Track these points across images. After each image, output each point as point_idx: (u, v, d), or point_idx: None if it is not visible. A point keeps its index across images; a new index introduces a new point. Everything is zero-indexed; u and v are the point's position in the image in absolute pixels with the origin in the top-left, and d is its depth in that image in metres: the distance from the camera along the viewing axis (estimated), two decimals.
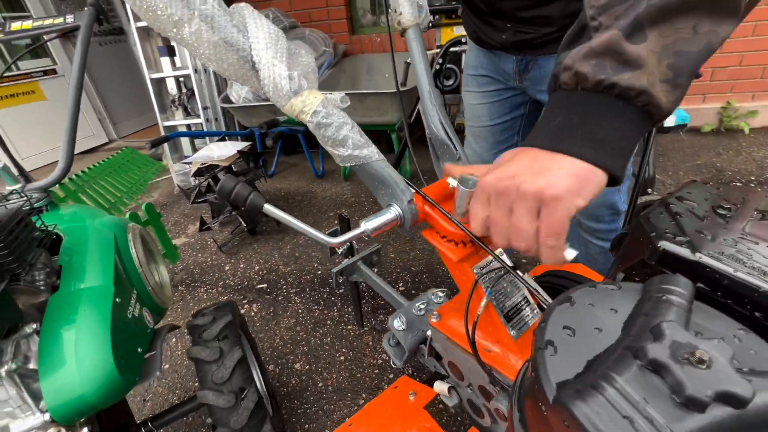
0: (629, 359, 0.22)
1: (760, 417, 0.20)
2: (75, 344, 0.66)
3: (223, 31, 0.41)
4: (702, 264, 0.28)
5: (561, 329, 0.25)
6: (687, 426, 0.19)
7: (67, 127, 1.00)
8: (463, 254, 0.50)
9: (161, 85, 2.78)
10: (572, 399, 0.21)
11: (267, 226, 2.26)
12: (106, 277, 0.79)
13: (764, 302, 0.26)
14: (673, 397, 0.20)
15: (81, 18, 1.11)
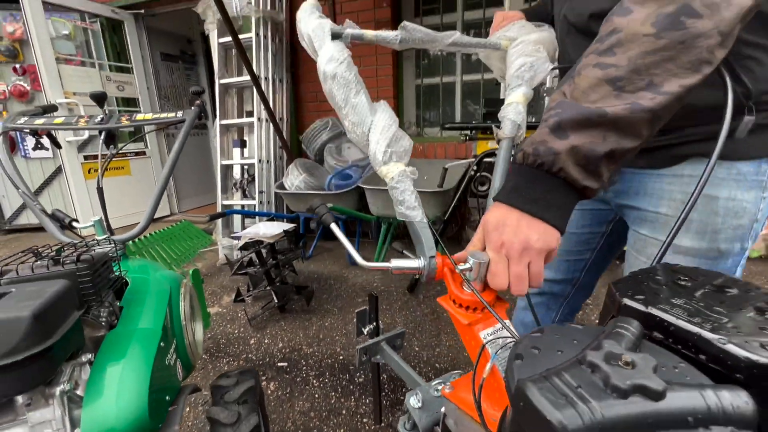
0: (575, 363, 0.29)
1: (672, 413, 0.25)
2: (119, 379, 0.71)
3: (360, 114, 0.63)
4: (652, 315, 0.35)
5: (530, 348, 0.32)
6: (612, 408, 0.25)
7: (155, 196, 1.20)
8: (472, 319, 0.55)
9: (228, 170, 3.19)
10: (526, 383, 0.28)
11: (296, 305, 2.31)
12: (156, 322, 0.87)
13: (704, 346, 0.32)
14: (603, 387, 0.27)
15: (188, 114, 1.40)
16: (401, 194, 0.62)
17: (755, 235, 0.64)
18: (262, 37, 2.99)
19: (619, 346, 0.30)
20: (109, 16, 3.92)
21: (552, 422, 0.26)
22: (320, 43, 0.65)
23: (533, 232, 0.48)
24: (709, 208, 0.62)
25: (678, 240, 0.65)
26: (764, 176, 0.60)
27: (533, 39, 0.74)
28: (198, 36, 5.07)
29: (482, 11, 3.16)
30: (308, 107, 3.62)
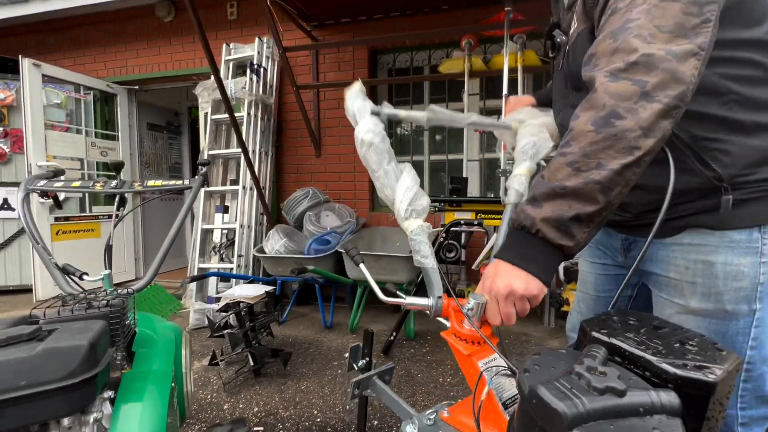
0: (566, 373, 0.46)
1: (630, 406, 0.41)
2: (141, 412, 0.79)
3: (390, 178, 0.78)
4: (613, 343, 0.52)
5: (533, 365, 0.49)
6: (594, 401, 0.41)
7: (161, 252, 1.33)
8: (471, 350, 0.70)
9: (208, 234, 3.28)
10: (537, 385, 0.44)
11: (271, 369, 2.30)
12: (167, 364, 0.96)
13: (647, 365, 0.49)
14: (587, 388, 0.43)
15: (194, 182, 1.58)
16: (417, 245, 0.74)
17: (760, 297, 0.70)
18: (253, 116, 3.33)
19: (594, 362, 0.47)
20: (103, 89, 4.20)
21: (558, 410, 0.41)
22: (361, 117, 0.80)
23: (517, 280, 0.62)
24: (709, 272, 0.71)
25: (688, 302, 0.74)
26: (758, 243, 0.69)
27: (539, 122, 0.88)
28: (185, 110, 5.42)
29: (445, 103, 3.72)
30: (288, 178, 3.89)
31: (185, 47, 4.06)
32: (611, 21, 0.62)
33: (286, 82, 3.69)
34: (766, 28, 0.67)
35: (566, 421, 0.39)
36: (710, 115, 0.67)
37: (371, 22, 3.57)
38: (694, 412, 0.46)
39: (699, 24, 0.57)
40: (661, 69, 0.56)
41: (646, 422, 0.40)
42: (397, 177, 0.78)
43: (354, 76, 3.65)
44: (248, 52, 3.55)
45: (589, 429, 0.39)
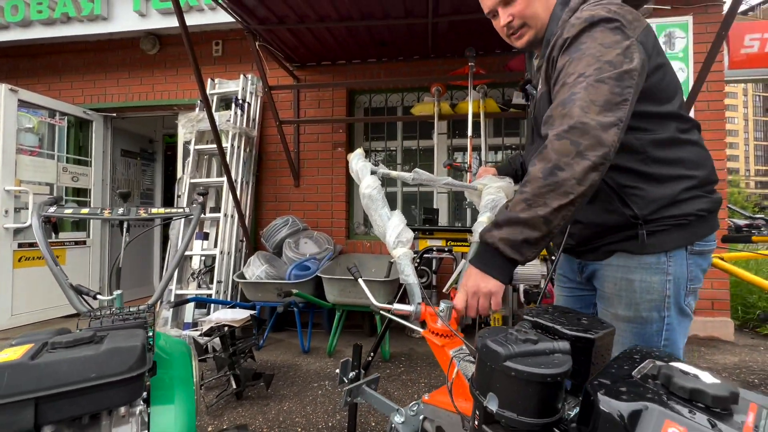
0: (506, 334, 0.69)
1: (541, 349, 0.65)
2: (174, 406, 0.92)
3: (383, 219, 1.02)
4: (536, 321, 0.77)
5: (485, 333, 0.71)
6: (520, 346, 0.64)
7: (168, 272, 1.46)
8: (444, 342, 0.93)
9: (186, 261, 3.32)
10: (485, 339, 0.67)
11: (253, 392, 2.36)
12: (188, 371, 1.09)
13: (554, 331, 0.74)
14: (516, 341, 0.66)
15: (194, 210, 1.73)
16: (403, 266, 0.98)
17: (676, 308, 0.89)
18: (236, 147, 3.50)
19: (521, 328, 0.72)
20: (79, 115, 4.21)
21: (498, 351, 0.64)
22: (362, 176, 1.09)
23: (482, 281, 0.83)
24: (630, 287, 0.91)
25: (616, 310, 0.95)
26: (664, 265, 0.88)
27: (497, 185, 1.19)
28: (160, 137, 5.45)
29: (417, 141, 4.06)
30: (267, 206, 4.03)
31: (168, 79, 4.20)
32: (561, 91, 0.80)
33: (267, 116, 3.91)
34: (677, 104, 0.89)
35: (502, 357, 0.62)
36: (631, 168, 0.88)
37: (350, 66, 3.91)
38: (584, 359, 0.71)
39: (620, 102, 0.76)
40: (592, 135, 0.74)
41: (550, 357, 0.64)
42: (389, 218, 1.03)
43: (333, 113, 3.94)
44: (232, 87, 3.76)
45: (516, 361, 0.62)
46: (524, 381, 0.61)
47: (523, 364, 0.61)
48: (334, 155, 3.95)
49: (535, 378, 0.60)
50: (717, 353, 3.01)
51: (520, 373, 0.60)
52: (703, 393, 0.52)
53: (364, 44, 3.45)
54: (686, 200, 0.87)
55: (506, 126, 3.89)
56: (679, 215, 0.87)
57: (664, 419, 0.50)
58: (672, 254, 0.88)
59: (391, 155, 4.18)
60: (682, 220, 0.87)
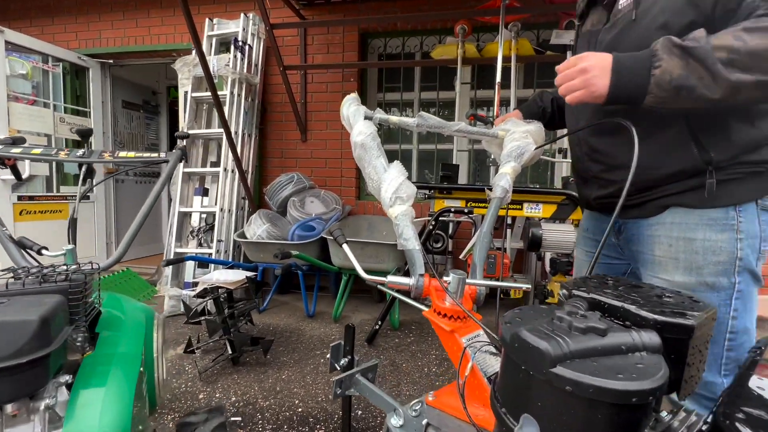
0: (549, 319, 0.44)
1: (613, 345, 0.41)
2: (102, 401, 0.70)
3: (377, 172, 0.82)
4: (593, 298, 0.51)
5: (515, 318, 0.46)
6: (577, 341, 0.39)
7: (131, 230, 1.22)
8: (453, 326, 0.66)
9: (186, 218, 3.13)
10: (519, 329, 0.42)
11: (251, 357, 2.21)
12: (136, 347, 0.87)
13: (626, 315, 0.48)
14: (568, 329, 0.42)
15: (171, 156, 1.47)
16: (401, 228, 0.77)
17: (748, 272, 0.75)
18: (236, 95, 3.18)
19: (575, 309, 0.45)
20: (74, 61, 3.93)
21: (541, 349, 0.39)
22: (355, 122, 0.88)
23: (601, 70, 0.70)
24: (690, 248, 0.76)
25: (672, 277, 0.79)
26: (734, 220, 0.74)
27: (523, 129, 0.96)
28: (164, 89, 5.16)
29: (436, 92, 3.65)
30: (272, 162, 3.76)
31: (164, 20, 3.84)
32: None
33: (271, 63, 3.54)
34: None
35: (549, 359, 0.38)
36: None
37: (363, 3, 3.45)
38: (675, 357, 0.45)
39: None
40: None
41: (629, 359, 0.40)
42: (386, 170, 0.82)
43: (343, 59, 3.54)
44: (232, 28, 3.38)
45: (572, 366, 0.38)
46: (589, 401, 0.37)
47: (588, 372, 0.37)
48: None
49: (612, 396, 0.36)
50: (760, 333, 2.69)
51: (584, 387, 0.37)
52: None
53: None
54: (759, 148, 0.73)
55: (539, 75, 3.42)
56: (759, 161, 0.73)
57: None
58: (742, 208, 0.74)
59: (408, 109, 3.79)
60: (759, 167, 0.73)
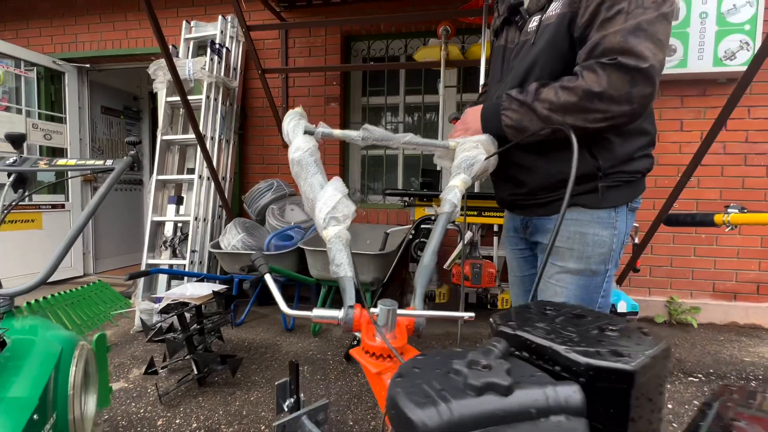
0: (444, 372, 0.35)
1: (519, 407, 0.31)
2: None
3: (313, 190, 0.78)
4: (517, 335, 0.41)
5: (411, 368, 0.36)
6: (468, 404, 0.29)
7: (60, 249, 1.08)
8: (381, 367, 0.55)
9: (159, 227, 3.00)
10: (396, 391, 0.33)
11: (219, 377, 2.08)
12: (33, 389, 0.74)
13: (554, 356, 0.38)
14: (462, 388, 0.32)
15: (118, 163, 1.34)
16: (333, 253, 0.71)
17: (614, 261, 0.93)
18: (212, 99, 3.07)
19: (484, 357, 0.34)
20: (49, 66, 3.81)
21: (414, 420, 0.29)
22: (293, 137, 0.84)
23: (476, 123, 0.93)
24: (583, 240, 0.91)
25: (566, 264, 0.92)
26: (614, 220, 0.90)
27: (474, 139, 0.92)
28: (146, 94, 5.04)
29: (421, 96, 3.56)
30: (254, 168, 3.64)
31: (142, 24, 3.73)
32: (617, 19, 0.75)
33: (252, 66, 3.44)
34: None
35: (419, 430, 0.30)
36: None
37: (345, 5, 3.36)
38: (615, 412, 0.35)
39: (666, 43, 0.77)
40: (650, 80, 0.75)
41: (540, 426, 0.31)
42: (322, 188, 0.77)
43: (326, 62, 3.44)
44: (210, 30, 3.28)
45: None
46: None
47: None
48: (328, 111, 3.49)
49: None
50: (762, 344, 2.59)
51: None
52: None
53: None
54: (638, 158, 0.90)
55: None
56: (631, 171, 0.90)
57: None
58: (619, 210, 0.91)
59: (392, 113, 3.69)
60: (631, 177, 0.90)
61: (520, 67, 0.92)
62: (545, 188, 0.94)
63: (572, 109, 0.77)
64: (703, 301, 2.94)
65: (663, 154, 2.93)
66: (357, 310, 0.61)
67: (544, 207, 0.96)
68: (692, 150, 2.18)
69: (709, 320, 2.93)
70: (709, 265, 2.94)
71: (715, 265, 2.93)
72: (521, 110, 0.83)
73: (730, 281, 2.92)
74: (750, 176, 2.84)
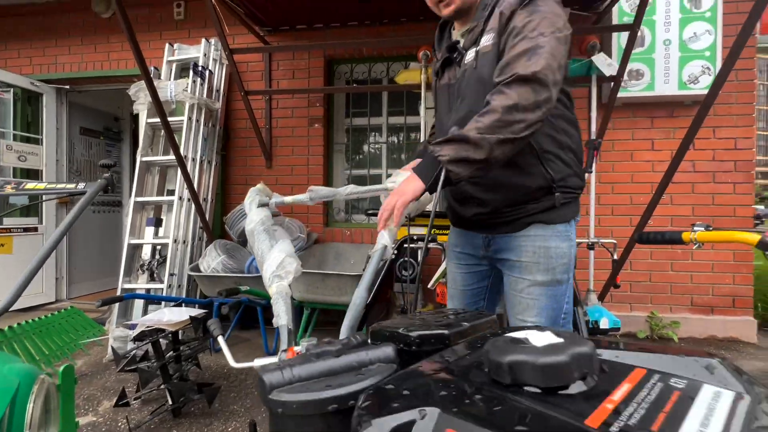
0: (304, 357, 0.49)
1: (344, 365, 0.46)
2: None
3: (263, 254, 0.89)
4: (383, 330, 0.55)
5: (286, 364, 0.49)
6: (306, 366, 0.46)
7: (26, 275, 1.05)
8: None
9: (136, 250, 2.91)
10: (262, 372, 0.45)
11: (196, 407, 1.98)
12: None
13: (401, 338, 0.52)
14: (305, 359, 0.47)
15: (90, 186, 1.32)
16: (275, 305, 0.82)
17: (572, 268, 1.05)
18: (194, 121, 3.06)
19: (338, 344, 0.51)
20: (26, 87, 3.75)
21: (264, 380, 0.44)
22: (249, 211, 1.00)
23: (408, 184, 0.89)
24: (547, 254, 1.01)
25: (535, 277, 1.02)
26: (569, 233, 1.03)
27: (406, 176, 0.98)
28: (127, 115, 4.99)
29: (403, 117, 3.62)
30: (236, 189, 3.60)
31: (124, 46, 3.72)
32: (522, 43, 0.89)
33: (235, 88, 3.45)
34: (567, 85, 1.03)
35: (268, 387, 0.44)
36: (550, 135, 0.99)
37: (328, 30, 3.44)
38: None
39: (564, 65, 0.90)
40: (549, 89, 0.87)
41: (360, 372, 0.46)
42: (269, 249, 0.89)
43: (309, 84, 3.49)
44: (193, 53, 3.30)
45: (287, 390, 0.43)
46: (298, 417, 0.41)
47: (297, 391, 0.42)
48: (311, 132, 3.51)
49: (311, 408, 0.41)
50: (740, 357, 2.64)
51: (288, 405, 0.41)
52: (524, 369, 0.33)
53: (342, 1, 2.98)
54: (572, 175, 1.03)
55: None
56: (573, 188, 1.03)
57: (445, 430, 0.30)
58: (571, 223, 1.05)
59: (375, 132, 3.74)
60: (574, 193, 1.04)
61: (469, 89, 1.02)
62: (509, 205, 1.02)
63: (499, 125, 0.83)
64: (682, 315, 3.00)
65: (637, 173, 3.04)
66: (290, 352, 0.67)
67: (510, 224, 1.04)
68: (664, 168, 2.26)
69: (689, 334, 2.97)
70: (686, 279, 3.01)
71: (691, 279, 3.00)
72: (454, 145, 0.86)
73: (707, 295, 2.99)
74: (719, 193, 2.95)
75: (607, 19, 2.92)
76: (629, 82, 2.83)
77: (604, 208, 3.06)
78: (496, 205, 1.03)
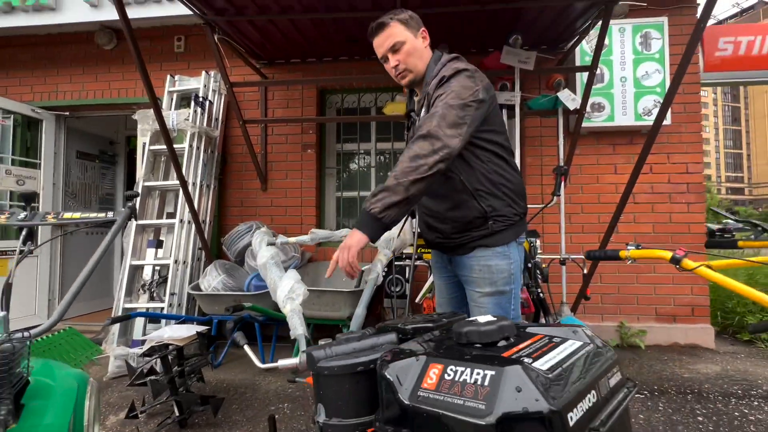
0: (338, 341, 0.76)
1: (364, 345, 0.73)
2: None
3: (275, 283, 1.11)
4: (391, 326, 0.77)
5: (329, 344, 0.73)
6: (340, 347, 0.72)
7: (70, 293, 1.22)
8: None
9: (137, 271, 3.04)
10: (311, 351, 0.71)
11: (200, 419, 2.11)
12: (62, 418, 0.87)
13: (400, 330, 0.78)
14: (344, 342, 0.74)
15: (119, 215, 1.50)
16: (291, 321, 1.03)
17: (516, 281, 1.29)
18: (195, 148, 3.25)
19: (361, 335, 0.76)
20: (26, 114, 3.89)
21: (312, 354, 0.68)
22: (259, 250, 1.24)
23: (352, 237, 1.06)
24: (489, 270, 1.26)
25: (483, 289, 1.27)
26: (508, 252, 1.27)
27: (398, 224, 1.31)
28: (122, 139, 5.14)
29: (391, 143, 3.89)
30: (232, 211, 3.78)
31: (125, 76, 3.93)
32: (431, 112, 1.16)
33: (233, 116, 3.67)
34: (503, 137, 1.29)
35: (315, 359, 0.68)
36: (479, 177, 1.24)
37: (320, 64, 3.72)
38: None
39: (461, 123, 1.12)
40: (442, 140, 1.10)
41: (375, 349, 0.71)
42: (280, 278, 1.11)
43: (302, 113, 3.74)
44: (193, 84, 3.52)
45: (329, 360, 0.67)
46: (339, 376, 0.64)
47: (336, 361, 0.65)
48: (304, 157, 3.74)
49: (346, 369, 0.64)
50: (699, 362, 2.90)
51: (331, 369, 0.65)
52: (472, 334, 0.61)
53: (333, 40, 3.27)
54: (507, 206, 1.27)
55: None
56: (509, 215, 1.27)
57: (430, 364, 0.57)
58: (510, 245, 1.28)
59: (365, 157, 4.00)
60: (510, 220, 1.28)
61: None
62: (457, 232, 1.29)
63: (408, 170, 1.06)
64: (648, 324, 3.27)
65: (603, 194, 3.35)
66: None
67: (461, 248, 1.30)
68: None
69: (655, 342, 3.24)
70: (651, 291, 3.30)
71: (655, 291, 3.29)
72: (379, 196, 1.06)
73: (669, 305, 3.28)
74: (675, 212, 3.29)
75: (571, 59, 3.28)
76: (592, 113, 3.17)
77: (575, 227, 3.35)
78: (447, 232, 1.30)
